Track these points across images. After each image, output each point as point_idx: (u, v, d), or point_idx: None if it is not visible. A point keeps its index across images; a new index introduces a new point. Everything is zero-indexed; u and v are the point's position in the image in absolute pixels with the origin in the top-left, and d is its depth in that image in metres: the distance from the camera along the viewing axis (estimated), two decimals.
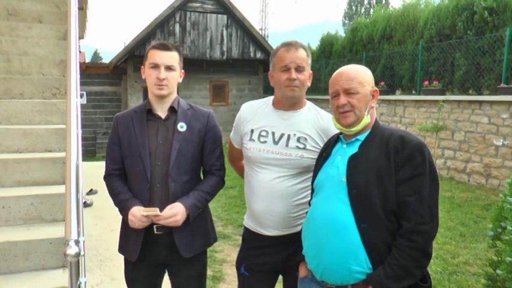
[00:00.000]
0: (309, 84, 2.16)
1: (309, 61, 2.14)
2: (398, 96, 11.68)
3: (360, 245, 1.68)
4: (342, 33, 17.77)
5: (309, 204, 2.00)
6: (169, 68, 2.11)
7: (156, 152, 2.13)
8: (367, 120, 1.81)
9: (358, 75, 1.81)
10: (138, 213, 2.01)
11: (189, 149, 2.16)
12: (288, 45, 2.11)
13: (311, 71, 2.17)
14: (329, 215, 1.77)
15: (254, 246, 2.24)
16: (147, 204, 2.10)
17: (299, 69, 2.08)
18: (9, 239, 2.60)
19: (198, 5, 15.28)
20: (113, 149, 2.22)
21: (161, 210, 2.03)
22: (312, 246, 1.86)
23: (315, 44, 17.68)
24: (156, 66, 2.10)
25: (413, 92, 11.62)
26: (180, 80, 2.22)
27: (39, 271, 2.61)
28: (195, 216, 2.12)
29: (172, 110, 2.20)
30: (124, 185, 2.19)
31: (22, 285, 2.46)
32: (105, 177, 2.25)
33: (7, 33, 4.43)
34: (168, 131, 2.16)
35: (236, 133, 2.33)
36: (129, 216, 2.03)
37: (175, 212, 2.03)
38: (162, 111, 2.19)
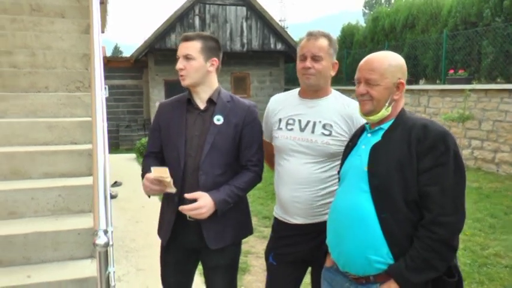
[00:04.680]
0: (332, 73, 2.17)
1: (331, 50, 2.14)
2: (422, 86, 11.47)
3: (380, 235, 1.66)
4: (362, 23, 17.55)
5: None
6: (186, 58, 2.12)
7: (192, 143, 2.15)
8: (385, 112, 1.76)
9: (382, 66, 1.75)
10: (149, 176, 2.00)
11: (224, 142, 2.14)
12: (309, 35, 2.15)
13: (336, 61, 2.18)
14: (350, 204, 1.76)
15: (282, 236, 2.26)
16: (179, 190, 2.10)
17: (315, 58, 2.10)
18: (38, 229, 2.63)
19: None
20: (153, 134, 2.31)
21: (191, 201, 2.03)
22: (333, 236, 1.85)
23: (335, 35, 17.51)
24: (178, 58, 2.14)
25: (437, 81, 11.40)
26: (211, 69, 2.18)
27: (68, 261, 2.64)
28: (223, 211, 2.10)
29: (211, 101, 2.18)
30: (156, 163, 2.23)
31: (53, 275, 2.49)
32: (144, 157, 2.35)
33: (31, 28, 4.47)
34: (205, 123, 2.16)
35: (266, 126, 2.36)
36: (143, 181, 2.06)
37: (201, 205, 2.01)
38: (201, 102, 2.20)
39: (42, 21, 4.58)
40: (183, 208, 2.02)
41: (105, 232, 1.89)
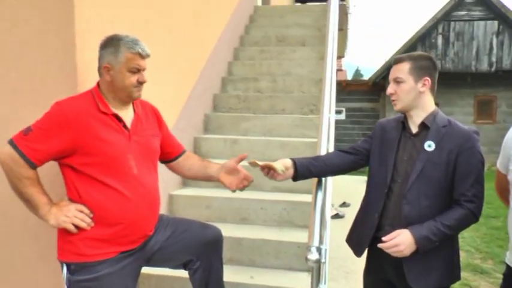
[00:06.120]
0: None
1: None
2: None
3: None
4: None
5: None
6: (396, 81, 2.02)
7: (399, 168, 2.03)
8: None
9: None
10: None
11: (435, 172, 1.93)
12: None
13: None
14: None
15: None
16: (380, 213, 2.05)
17: None
18: (264, 236, 2.94)
19: (463, 13, 14.15)
20: (363, 140, 2.27)
21: (390, 231, 1.93)
22: None
23: None
24: (389, 82, 2.08)
25: None
26: (422, 90, 2.00)
27: (286, 270, 2.85)
28: (426, 249, 1.89)
29: (424, 126, 2.02)
30: (335, 156, 2.26)
31: (272, 280, 2.73)
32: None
33: (275, 57, 5.06)
34: (415, 148, 2.01)
35: (503, 155, 2.06)
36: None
37: (399, 242, 1.86)
38: (413, 126, 2.05)
39: (285, 50, 5.13)
40: (382, 246, 1.91)
41: (318, 249, 1.96)
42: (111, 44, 1.90)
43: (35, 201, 1.81)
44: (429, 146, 1.96)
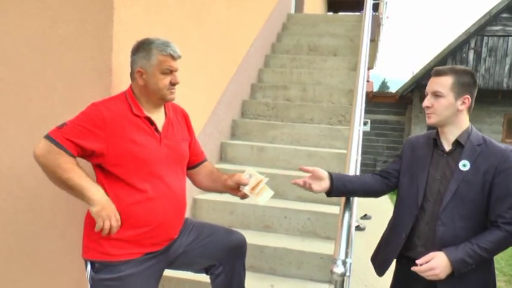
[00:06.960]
0: None
1: None
2: None
3: None
4: None
5: None
6: (435, 94, 1.93)
7: (432, 187, 1.96)
8: None
9: None
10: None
11: (470, 192, 1.86)
12: None
13: None
14: None
15: None
16: (407, 233, 1.99)
17: None
18: (286, 246, 2.90)
19: (498, 28, 13.76)
20: (393, 160, 2.21)
21: (423, 252, 1.87)
22: None
23: None
24: (426, 94, 1.99)
25: None
26: (461, 108, 1.92)
27: (307, 281, 2.81)
28: (461, 272, 1.82)
29: (458, 144, 1.95)
30: (368, 177, 2.18)
31: None
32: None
33: (306, 66, 5.05)
34: (449, 167, 1.94)
35: None
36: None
37: (434, 266, 1.80)
38: (446, 144, 1.98)
39: (316, 59, 5.12)
40: (416, 269, 1.85)
41: (344, 262, 1.92)
42: (142, 48, 1.91)
43: (79, 186, 1.77)
44: (464, 165, 1.89)
